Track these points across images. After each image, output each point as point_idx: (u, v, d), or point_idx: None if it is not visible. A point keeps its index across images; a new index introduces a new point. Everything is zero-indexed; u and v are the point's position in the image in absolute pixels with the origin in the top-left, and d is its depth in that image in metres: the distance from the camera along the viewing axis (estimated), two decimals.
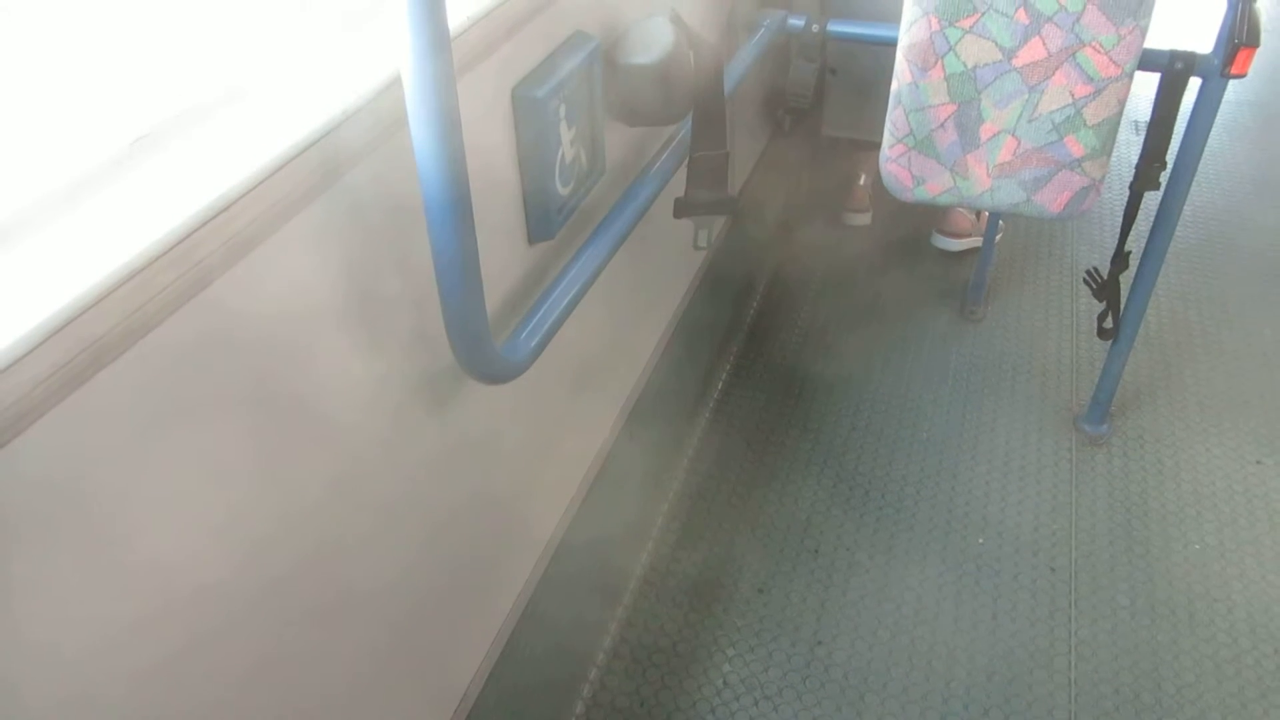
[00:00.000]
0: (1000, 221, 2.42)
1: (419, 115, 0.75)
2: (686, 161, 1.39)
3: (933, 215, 2.67)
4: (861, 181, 2.73)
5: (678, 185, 1.43)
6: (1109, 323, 1.93)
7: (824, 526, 1.89)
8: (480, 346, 0.92)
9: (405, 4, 0.69)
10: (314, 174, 0.75)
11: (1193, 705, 1.58)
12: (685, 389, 2.03)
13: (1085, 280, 1.92)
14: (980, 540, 1.86)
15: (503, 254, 1.11)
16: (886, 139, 1.73)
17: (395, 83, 0.81)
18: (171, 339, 0.65)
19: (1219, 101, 1.63)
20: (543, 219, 1.15)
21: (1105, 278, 1.88)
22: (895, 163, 1.74)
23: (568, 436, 1.44)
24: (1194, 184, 1.74)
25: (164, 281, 0.62)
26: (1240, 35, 1.54)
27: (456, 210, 0.81)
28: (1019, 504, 1.94)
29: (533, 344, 1.06)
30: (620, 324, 1.57)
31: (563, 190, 1.17)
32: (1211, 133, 1.67)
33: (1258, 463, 2.01)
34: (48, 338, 0.56)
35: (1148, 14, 1.50)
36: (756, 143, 2.30)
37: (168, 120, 0.73)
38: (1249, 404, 2.15)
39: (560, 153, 1.14)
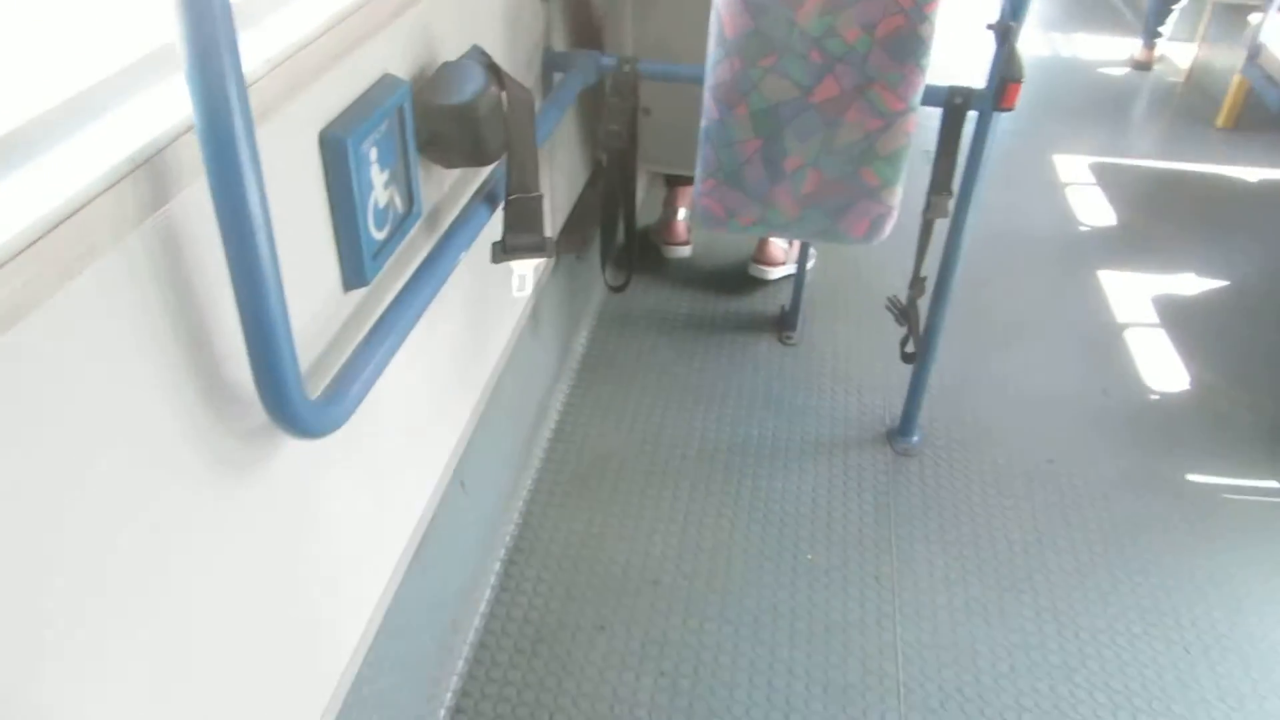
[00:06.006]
0: (811, 249, 2.54)
1: (215, 163, 0.72)
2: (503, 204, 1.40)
3: (750, 244, 2.78)
4: (680, 215, 2.81)
5: (497, 226, 1.43)
6: (910, 347, 2.06)
7: (662, 558, 1.92)
8: (291, 401, 0.88)
9: (192, 46, 0.67)
10: (100, 228, 0.70)
11: (1008, 692, 1.69)
12: (516, 431, 2.02)
13: (887, 306, 2.04)
14: (809, 557, 1.93)
15: (315, 303, 1.07)
16: (699, 174, 1.79)
17: (191, 128, 0.77)
18: None
19: (993, 132, 1.78)
20: (356, 266, 1.12)
21: (905, 303, 2.01)
22: (708, 196, 1.80)
23: (393, 488, 1.40)
24: (980, 209, 1.89)
25: None
26: (1006, 71, 1.69)
27: (261, 261, 0.78)
28: (844, 518, 2.02)
29: (349, 395, 1.02)
30: (445, 369, 1.55)
31: (377, 235, 1.15)
32: (991, 161, 1.82)
33: (1049, 461, 2.18)
34: None
35: (926, 54, 1.62)
36: (576, 182, 2.33)
37: None
38: (1040, 406, 2.34)
39: (373, 197, 1.12)
